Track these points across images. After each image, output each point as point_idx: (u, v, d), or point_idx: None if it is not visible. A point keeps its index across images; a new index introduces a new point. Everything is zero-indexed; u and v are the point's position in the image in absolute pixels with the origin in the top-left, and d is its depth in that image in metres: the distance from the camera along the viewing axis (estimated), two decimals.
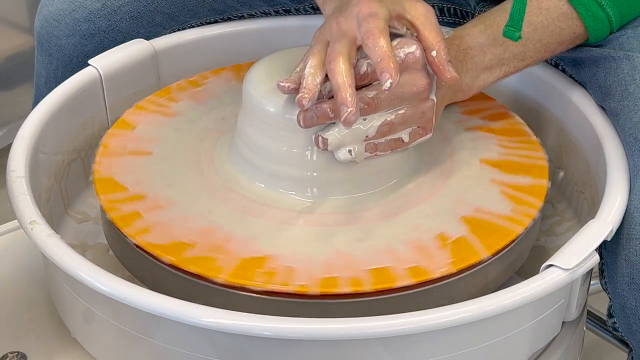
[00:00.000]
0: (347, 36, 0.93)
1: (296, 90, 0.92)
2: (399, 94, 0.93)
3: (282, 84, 0.93)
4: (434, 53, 0.95)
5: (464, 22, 1.18)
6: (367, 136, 0.94)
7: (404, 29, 0.96)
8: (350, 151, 0.93)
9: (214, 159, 1.01)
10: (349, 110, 0.89)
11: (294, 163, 0.95)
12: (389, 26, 0.94)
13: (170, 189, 0.97)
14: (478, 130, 1.05)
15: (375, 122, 0.93)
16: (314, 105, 0.91)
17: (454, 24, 1.19)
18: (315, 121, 0.92)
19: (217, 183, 0.98)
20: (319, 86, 0.91)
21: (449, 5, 1.20)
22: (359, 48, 0.94)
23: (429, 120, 0.97)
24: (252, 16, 1.22)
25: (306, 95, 0.90)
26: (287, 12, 1.22)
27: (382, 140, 0.95)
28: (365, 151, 0.94)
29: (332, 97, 0.92)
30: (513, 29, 0.98)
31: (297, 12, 1.22)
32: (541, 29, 1.01)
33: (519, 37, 0.98)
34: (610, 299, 0.97)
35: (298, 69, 0.95)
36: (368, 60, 0.92)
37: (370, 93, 0.93)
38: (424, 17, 0.96)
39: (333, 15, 0.96)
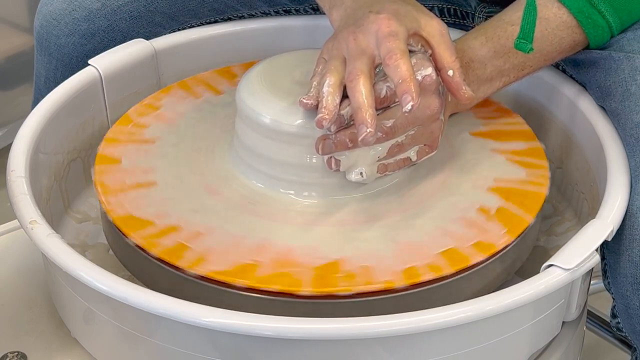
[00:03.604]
0: (366, 54, 0.93)
1: (316, 107, 0.92)
2: (414, 118, 0.94)
3: (304, 101, 0.93)
4: (450, 72, 0.95)
5: (465, 23, 1.19)
6: (378, 157, 0.94)
7: (419, 46, 0.96)
8: (361, 173, 0.94)
9: (214, 157, 1.01)
10: (368, 130, 0.89)
11: (292, 167, 0.95)
12: None
13: (171, 188, 0.97)
14: (483, 135, 1.05)
15: (386, 144, 0.94)
16: (333, 134, 0.92)
17: (454, 25, 1.19)
18: (333, 149, 0.92)
19: (217, 182, 0.98)
20: (338, 107, 0.91)
21: (449, 6, 1.20)
22: (377, 66, 0.93)
23: (436, 139, 0.97)
24: (252, 16, 1.22)
25: (326, 116, 0.90)
26: (287, 13, 1.22)
27: (392, 160, 0.95)
28: (377, 172, 0.95)
29: (352, 123, 0.92)
30: (524, 41, 0.98)
31: (297, 12, 1.22)
32: (541, 39, 1.01)
33: (531, 49, 0.98)
34: (614, 299, 0.97)
35: (315, 82, 0.94)
36: (388, 84, 0.92)
37: (387, 122, 0.93)
38: (439, 34, 0.96)
39: (349, 29, 0.95)
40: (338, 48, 0.95)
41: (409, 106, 0.89)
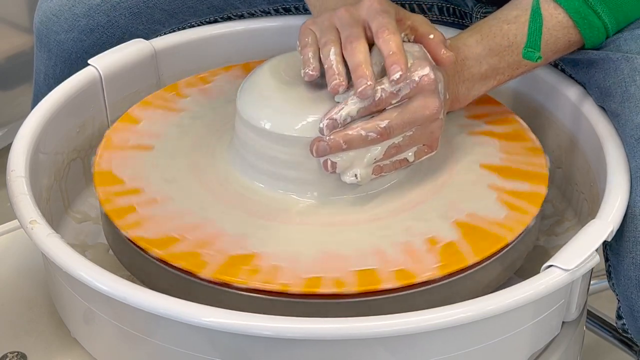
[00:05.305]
0: (360, 23, 0.95)
1: (318, 76, 0.94)
2: (412, 119, 0.94)
3: (310, 73, 0.94)
4: (431, 36, 0.97)
5: (464, 22, 1.19)
6: (375, 159, 0.94)
7: (403, 35, 0.97)
8: (355, 175, 0.94)
9: (215, 157, 1.01)
10: (367, 83, 0.90)
11: (293, 168, 0.95)
12: None
13: (168, 185, 0.97)
14: (480, 135, 1.05)
15: (383, 145, 0.94)
16: (327, 137, 0.92)
17: (453, 24, 1.20)
18: (328, 151, 0.93)
19: (216, 181, 0.98)
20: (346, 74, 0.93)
21: (447, 5, 1.20)
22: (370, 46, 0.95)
23: (435, 139, 0.97)
24: (251, 15, 1.22)
25: (343, 83, 0.92)
26: (287, 11, 1.22)
27: (388, 161, 0.95)
28: (372, 174, 0.95)
29: (348, 126, 0.92)
30: (532, 50, 0.98)
31: (297, 10, 1.22)
32: None
33: (539, 58, 0.98)
34: (619, 301, 0.97)
35: (311, 53, 0.95)
36: (382, 86, 0.92)
37: (382, 123, 0.93)
38: (422, 20, 0.99)
39: (343, 7, 0.97)
40: (329, 19, 0.96)
41: (397, 75, 0.90)
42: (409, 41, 0.97)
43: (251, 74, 0.99)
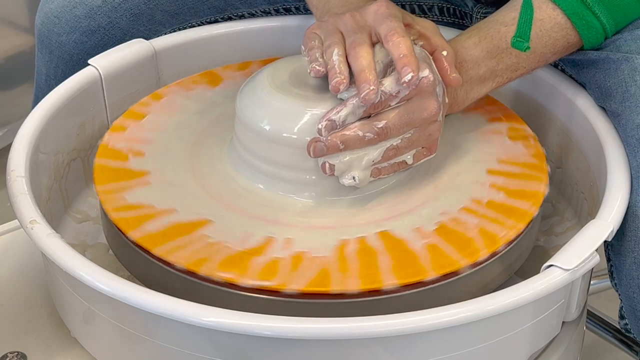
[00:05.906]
0: (365, 29, 0.95)
1: (325, 73, 0.94)
2: (409, 120, 0.94)
3: (317, 68, 0.94)
4: (444, 52, 0.97)
5: (464, 23, 1.19)
6: (373, 161, 0.94)
7: (412, 39, 0.97)
8: (354, 178, 0.94)
9: (214, 157, 1.01)
10: (371, 88, 0.90)
11: (292, 170, 0.96)
12: None
13: (168, 186, 0.97)
14: (480, 136, 1.04)
15: (381, 147, 0.94)
16: (325, 137, 0.92)
17: (453, 24, 1.20)
18: (325, 152, 0.93)
19: (215, 182, 0.98)
20: (349, 74, 0.93)
21: (448, 6, 1.20)
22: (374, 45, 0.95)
23: (434, 141, 0.97)
24: (252, 15, 1.22)
25: (344, 81, 0.92)
26: (287, 11, 1.22)
27: (386, 164, 0.95)
28: (370, 176, 0.95)
29: (345, 127, 0.92)
30: (521, 40, 0.98)
31: (298, 10, 1.22)
32: (535, 40, 1.01)
33: (528, 48, 0.99)
34: (621, 300, 0.97)
35: (318, 54, 0.95)
36: (382, 88, 0.93)
37: (379, 123, 0.93)
38: (433, 27, 0.99)
39: (348, 12, 0.97)
40: (334, 24, 0.97)
41: (409, 76, 0.91)
42: (415, 44, 0.97)
43: (251, 77, 0.99)
